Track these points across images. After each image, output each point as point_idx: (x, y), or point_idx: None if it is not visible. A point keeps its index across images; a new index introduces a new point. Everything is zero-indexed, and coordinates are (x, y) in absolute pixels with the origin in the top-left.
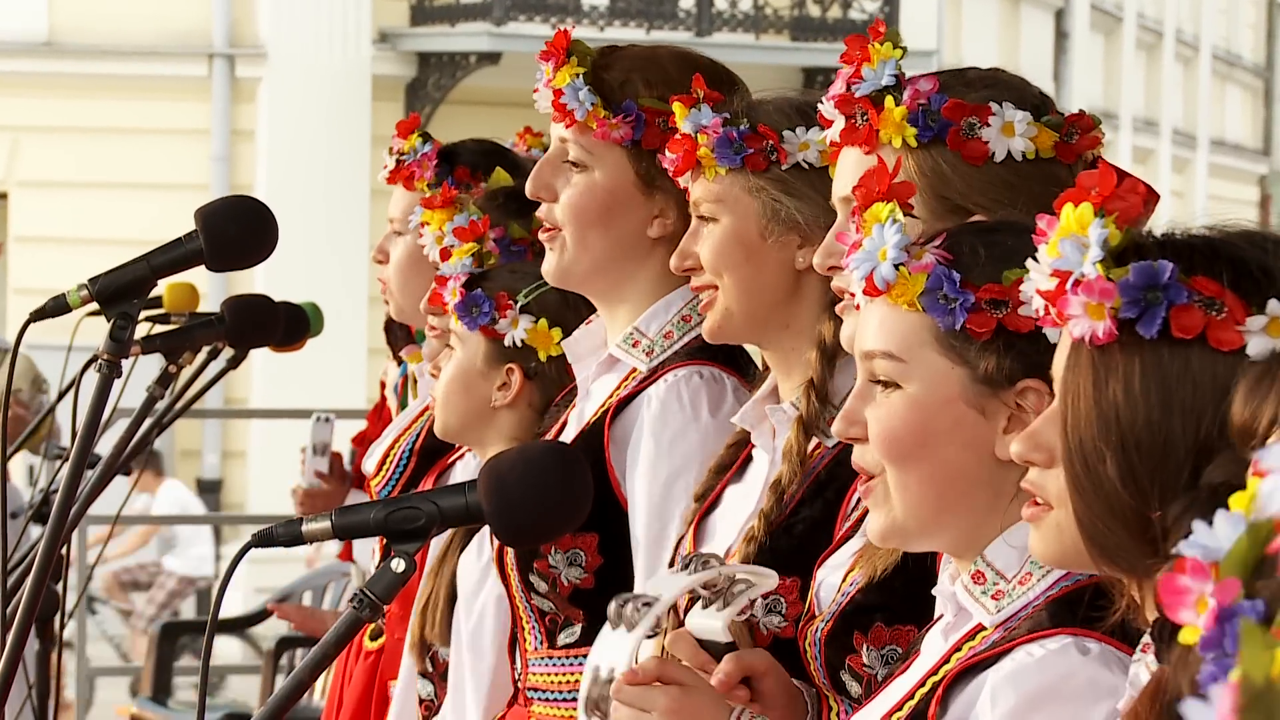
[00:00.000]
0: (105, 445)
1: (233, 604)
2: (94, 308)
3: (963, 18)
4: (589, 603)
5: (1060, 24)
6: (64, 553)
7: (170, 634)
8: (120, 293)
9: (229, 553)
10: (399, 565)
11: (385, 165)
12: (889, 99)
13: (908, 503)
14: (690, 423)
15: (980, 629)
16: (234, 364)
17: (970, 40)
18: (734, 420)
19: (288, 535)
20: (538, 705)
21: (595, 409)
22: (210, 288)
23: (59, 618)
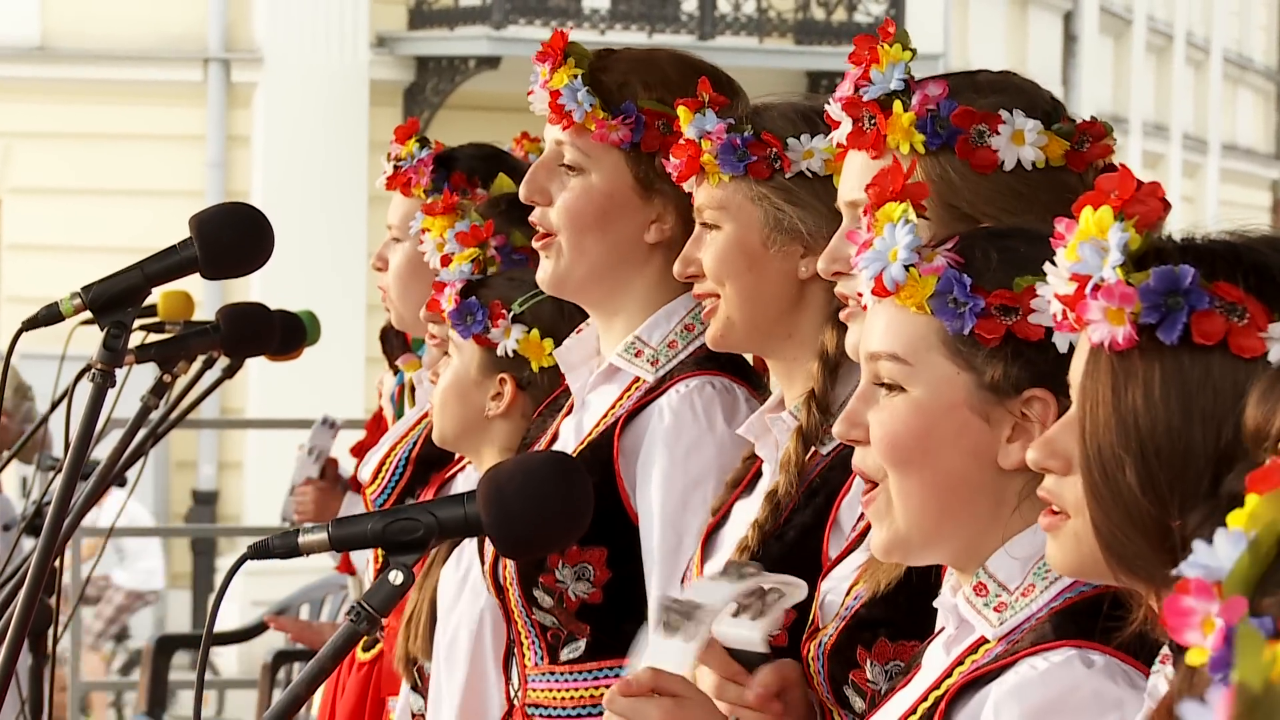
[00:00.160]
0: (99, 456)
1: (229, 617)
2: (87, 316)
3: (970, 21)
4: (596, 618)
5: (1069, 27)
6: (57, 565)
7: (166, 647)
8: (114, 301)
9: (225, 565)
10: (396, 577)
11: (384, 171)
12: (897, 104)
13: (909, 511)
14: (705, 434)
15: (983, 642)
16: (230, 373)
17: (977, 43)
18: (739, 432)
19: (284, 547)
20: None
21: (596, 420)
22: (205, 296)
23: (52, 631)
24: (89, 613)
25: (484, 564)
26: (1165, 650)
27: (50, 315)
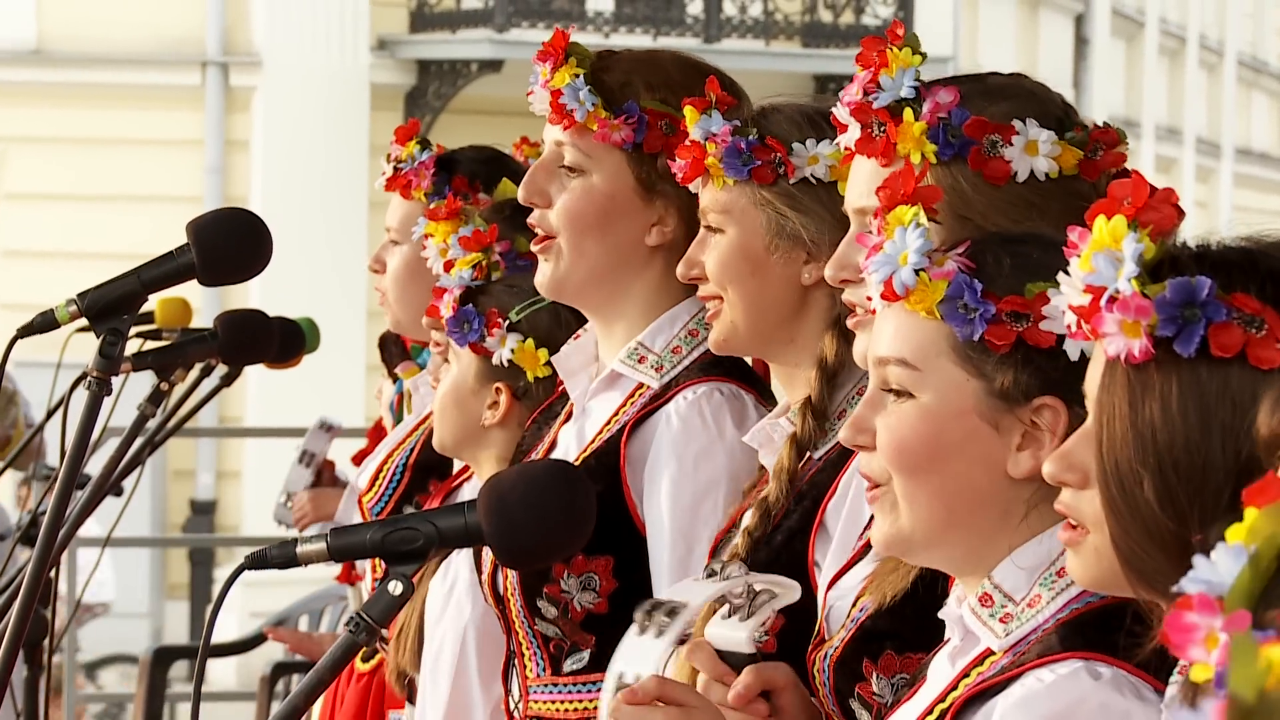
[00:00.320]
0: (95, 465)
1: (227, 628)
2: (83, 324)
3: (979, 23)
4: (601, 628)
5: (1080, 29)
6: (52, 576)
7: (163, 659)
8: (110, 308)
9: (223, 576)
10: (396, 587)
11: (383, 172)
12: (908, 111)
13: (915, 515)
14: (715, 440)
15: (989, 654)
16: (228, 381)
17: (987, 46)
18: (745, 439)
19: (282, 557)
20: None
21: (599, 427)
22: (203, 303)
23: (47, 643)
24: None
25: (482, 574)
26: (1183, 662)
27: (45, 322)
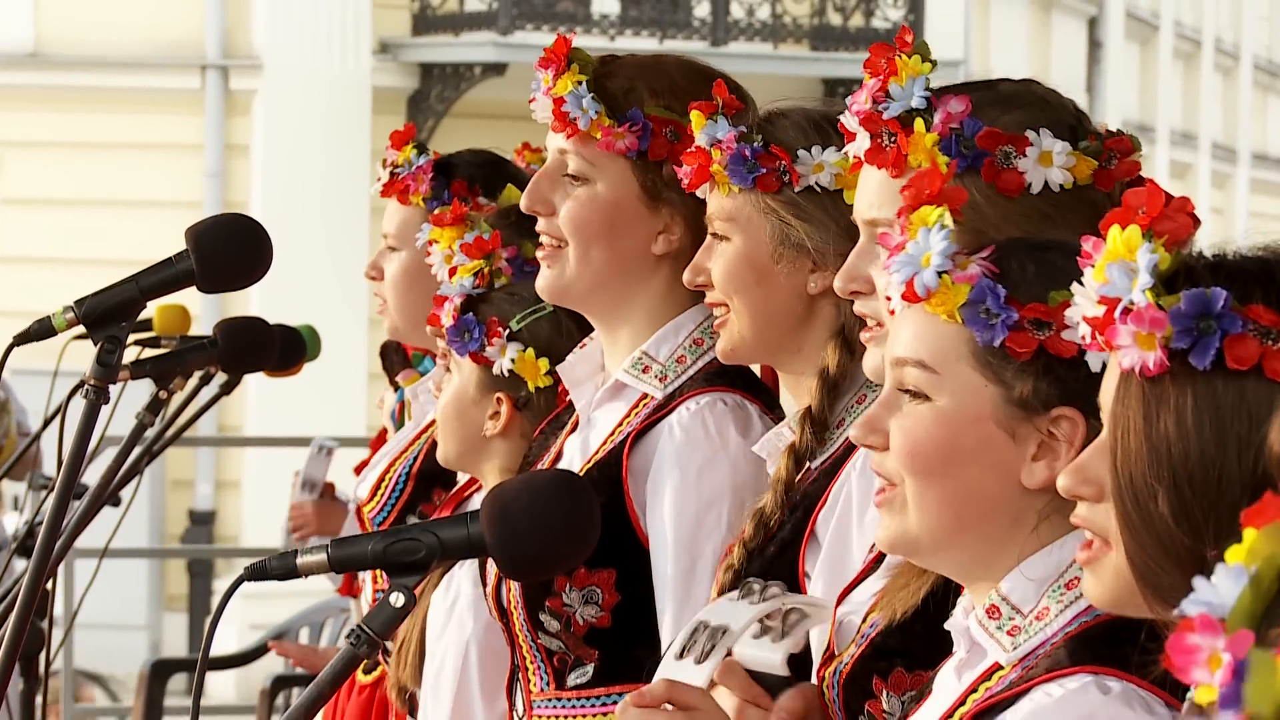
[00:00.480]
0: (93, 475)
1: (226, 640)
2: (80, 331)
3: (991, 26)
4: (604, 642)
5: (1094, 32)
6: (49, 588)
7: (161, 672)
8: (108, 315)
9: (222, 587)
10: (398, 599)
11: (378, 177)
12: (919, 121)
13: (924, 519)
14: (718, 452)
15: (997, 668)
16: (227, 389)
17: (999, 50)
18: (755, 449)
19: (282, 568)
20: None
21: (603, 438)
22: (203, 310)
23: (43, 655)
24: None
25: (486, 586)
26: None
27: (42, 330)
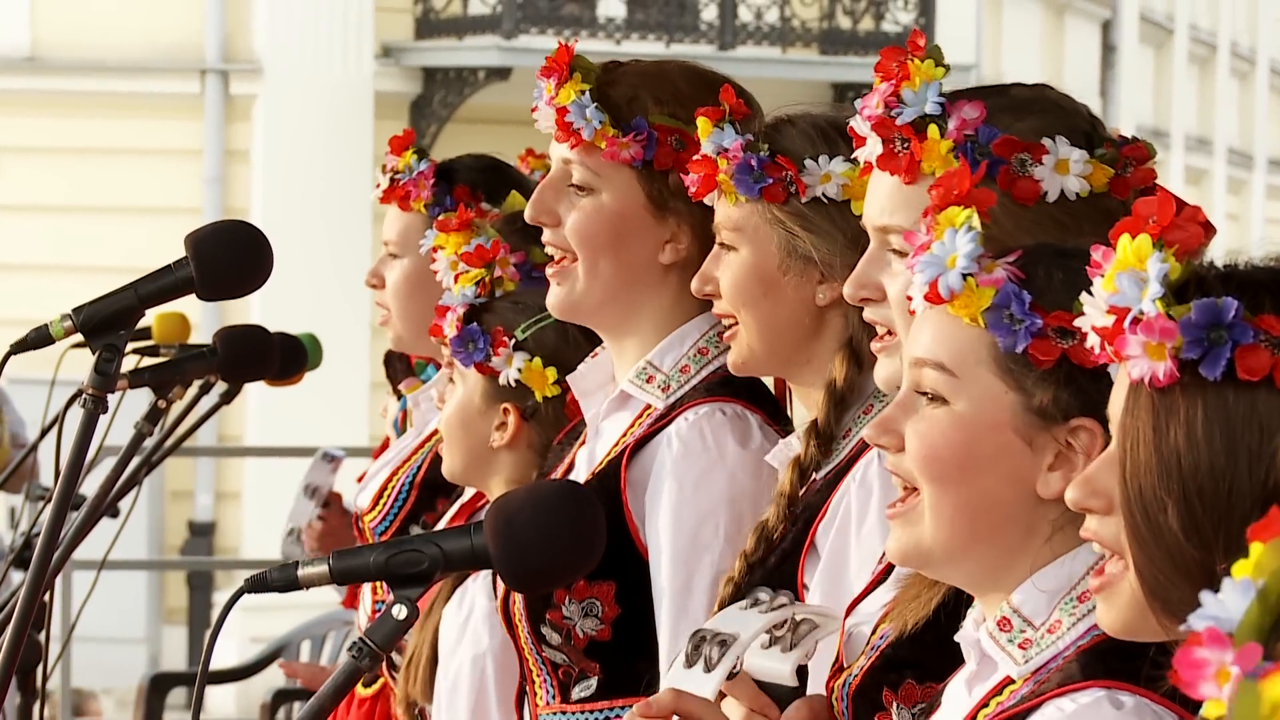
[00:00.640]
0: (91, 486)
1: (226, 654)
2: (78, 339)
3: (1003, 30)
4: (605, 655)
5: (1107, 36)
6: (46, 600)
7: (160, 686)
8: (106, 323)
9: (222, 599)
10: (400, 612)
11: (377, 183)
12: (932, 128)
13: (939, 528)
14: (716, 463)
15: (1008, 682)
16: (227, 399)
17: (1011, 53)
18: (767, 459)
19: (283, 580)
20: None
21: (608, 449)
22: (202, 318)
23: (41, 669)
24: None
25: (496, 598)
26: None
27: (40, 338)
